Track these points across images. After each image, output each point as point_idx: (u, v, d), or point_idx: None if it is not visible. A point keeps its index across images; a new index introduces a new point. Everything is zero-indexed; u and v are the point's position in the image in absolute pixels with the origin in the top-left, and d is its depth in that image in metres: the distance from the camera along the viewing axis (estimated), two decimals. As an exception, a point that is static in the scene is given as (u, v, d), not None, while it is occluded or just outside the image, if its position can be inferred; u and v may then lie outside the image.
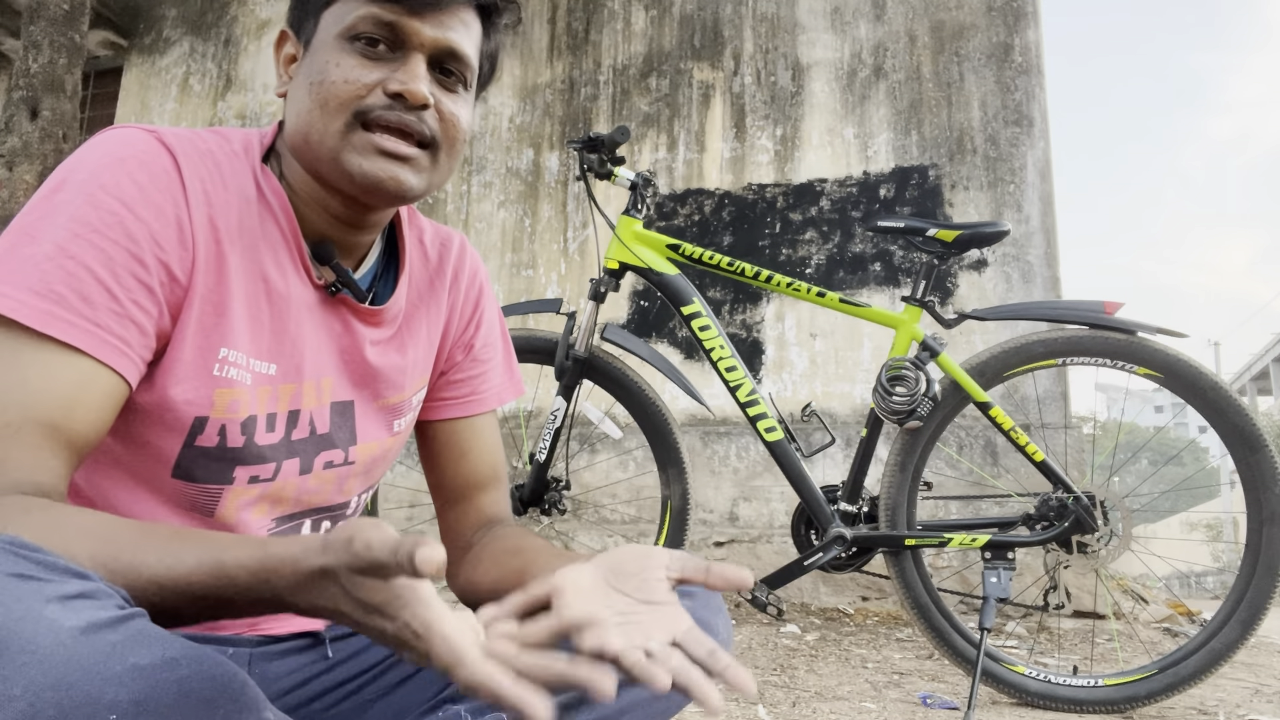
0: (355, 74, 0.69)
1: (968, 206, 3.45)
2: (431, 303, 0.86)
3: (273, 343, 0.73)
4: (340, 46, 0.69)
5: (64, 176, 0.64)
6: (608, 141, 1.94)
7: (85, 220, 0.62)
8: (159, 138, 0.67)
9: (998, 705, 1.78)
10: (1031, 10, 3.53)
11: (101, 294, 0.61)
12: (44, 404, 0.59)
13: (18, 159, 3.12)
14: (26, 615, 0.41)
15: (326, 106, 0.69)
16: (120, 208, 0.63)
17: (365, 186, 0.70)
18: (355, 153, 0.69)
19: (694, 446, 3.48)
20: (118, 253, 0.62)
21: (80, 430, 0.60)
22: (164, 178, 0.66)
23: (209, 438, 0.69)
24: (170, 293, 0.66)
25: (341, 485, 0.82)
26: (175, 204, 0.66)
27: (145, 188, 0.64)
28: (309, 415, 0.76)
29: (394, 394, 0.83)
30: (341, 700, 0.78)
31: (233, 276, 0.69)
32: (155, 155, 0.66)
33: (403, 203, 0.73)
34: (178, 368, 0.67)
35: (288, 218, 0.73)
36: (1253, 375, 24.35)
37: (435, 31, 0.70)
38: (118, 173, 0.64)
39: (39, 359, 0.59)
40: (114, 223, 0.62)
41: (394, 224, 0.85)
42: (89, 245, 0.61)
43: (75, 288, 0.60)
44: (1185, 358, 1.70)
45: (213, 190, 0.69)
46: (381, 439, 0.83)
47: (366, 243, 0.80)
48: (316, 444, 0.77)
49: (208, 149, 0.70)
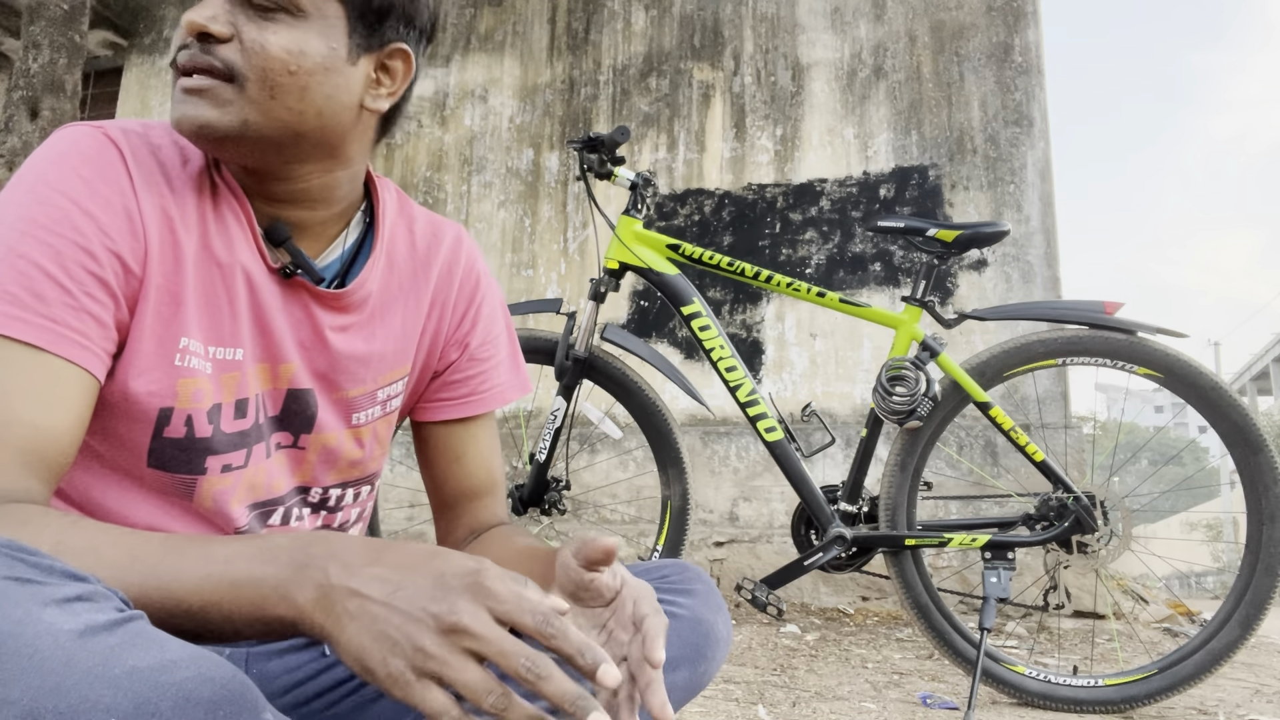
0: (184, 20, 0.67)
1: (968, 206, 3.45)
2: (413, 294, 0.83)
3: (232, 328, 0.72)
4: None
5: (14, 180, 0.64)
6: (608, 141, 1.94)
7: (32, 219, 0.61)
8: (105, 132, 0.67)
9: (998, 705, 1.78)
10: (1031, 10, 3.53)
11: (54, 289, 0.61)
12: (23, 406, 0.58)
13: (18, 159, 3.12)
14: (24, 619, 0.41)
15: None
16: (66, 203, 0.63)
17: (180, 133, 0.67)
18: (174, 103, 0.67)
19: (694, 446, 3.48)
20: (67, 247, 0.62)
21: (61, 430, 0.60)
22: (110, 170, 0.65)
23: (176, 429, 0.69)
24: (125, 284, 0.65)
25: (295, 468, 0.79)
26: (123, 195, 0.65)
27: (91, 181, 0.64)
28: (265, 398, 0.75)
29: (352, 386, 0.80)
30: (341, 699, 0.78)
31: (189, 264, 0.69)
32: (100, 149, 0.66)
33: (215, 142, 0.67)
34: (139, 360, 0.67)
35: (240, 201, 0.72)
36: (1253, 375, 24.35)
37: None
38: (62, 169, 0.64)
39: (6, 362, 0.59)
40: (60, 218, 0.62)
41: (375, 209, 0.82)
42: (37, 243, 0.61)
43: (27, 286, 0.60)
44: (1185, 358, 1.70)
45: (164, 179, 0.69)
46: (338, 430, 0.81)
47: (321, 221, 0.76)
48: (271, 425, 0.77)
49: (158, 142, 0.70)
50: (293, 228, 0.75)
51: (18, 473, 0.57)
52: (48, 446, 0.59)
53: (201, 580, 0.51)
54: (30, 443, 0.58)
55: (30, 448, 0.58)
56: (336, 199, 0.76)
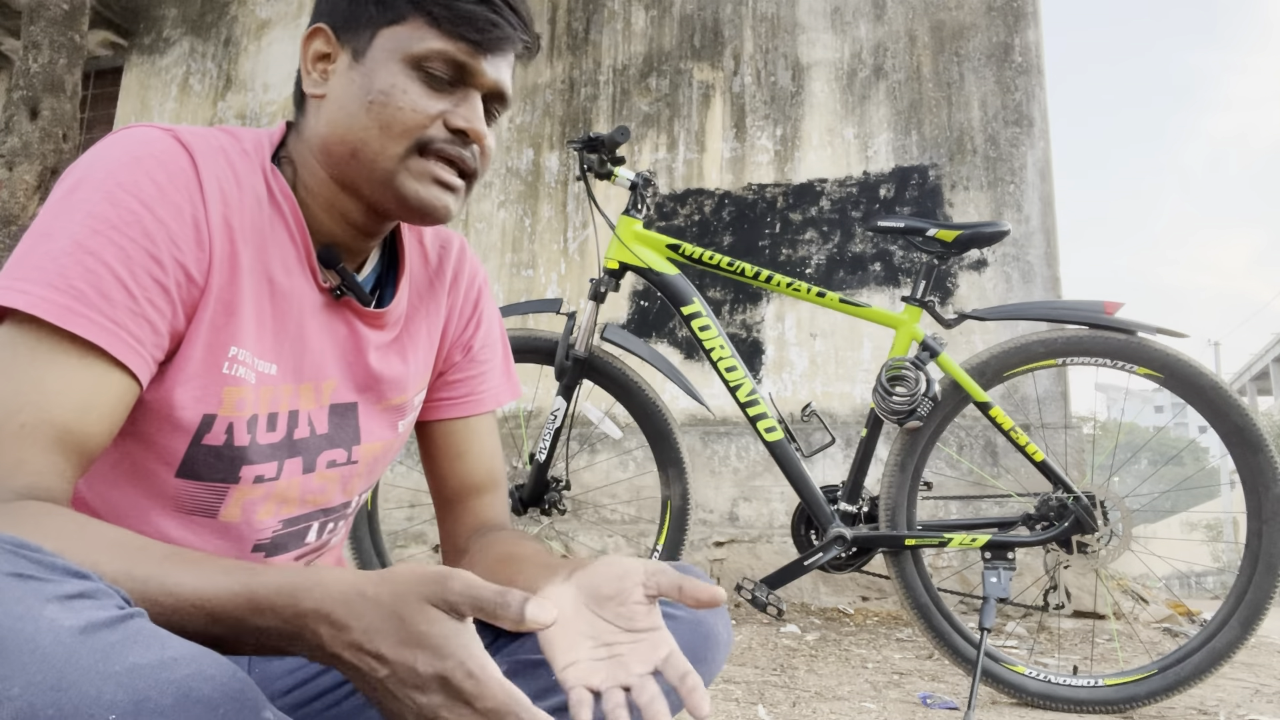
0: (422, 104, 0.70)
1: (968, 206, 3.45)
2: (431, 304, 0.87)
3: (275, 343, 0.73)
4: (406, 72, 0.70)
5: (81, 175, 0.63)
6: (608, 141, 1.94)
7: (104, 217, 0.61)
8: (176, 136, 0.67)
9: (998, 705, 1.78)
10: (1031, 10, 3.53)
11: (120, 292, 0.61)
12: (60, 406, 0.58)
13: (18, 159, 3.12)
14: (26, 615, 0.41)
15: (389, 129, 0.69)
16: (139, 207, 0.63)
17: (418, 211, 0.72)
18: (412, 178, 0.71)
19: (694, 446, 3.48)
20: (136, 252, 0.62)
21: (92, 434, 0.60)
22: (181, 177, 0.65)
23: (216, 436, 0.69)
24: (186, 294, 0.66)
25: (345, 484, 0.82)
26: (193, 203, 0.66)
27: (164, 187, 0.64)
28: (308, 416, 0.76)
29: (397, 395, 0.83)
30: (342, 700, 0.78)
31: (244, 275, 0.70)
32: (173, 154, 0.66)
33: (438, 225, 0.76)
34: (189, 365, 0.67)
35: (296, 220, 0.73)
36: (1253, 375, 24.33)
37: (494, 74, 0.73)
38: (135, 171, 0.63)
39: (56, 358, 0.59)
40: (132, 221, 0.62)
41: (395, 228, 0.85)
42: (108, 242, 0.61)
43: (94, 284, 0.60)
44: (1185, 358, 1.70)
45: (228, 189, 0.69)
46: (386, 438, 0.84)
47: (370, 247, 0.80)
48: (318, 444, 0.78)
49: (221, 147, 0.70)
50: (342, 248, 0.77)
51: (43, 471, 0.57)
52: (75, 448, 0.59)
53: (205, 618, 0.51)
54: (60, 443, 0.58)
55: (59, 447, 0.58)
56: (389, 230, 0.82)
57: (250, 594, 0.51)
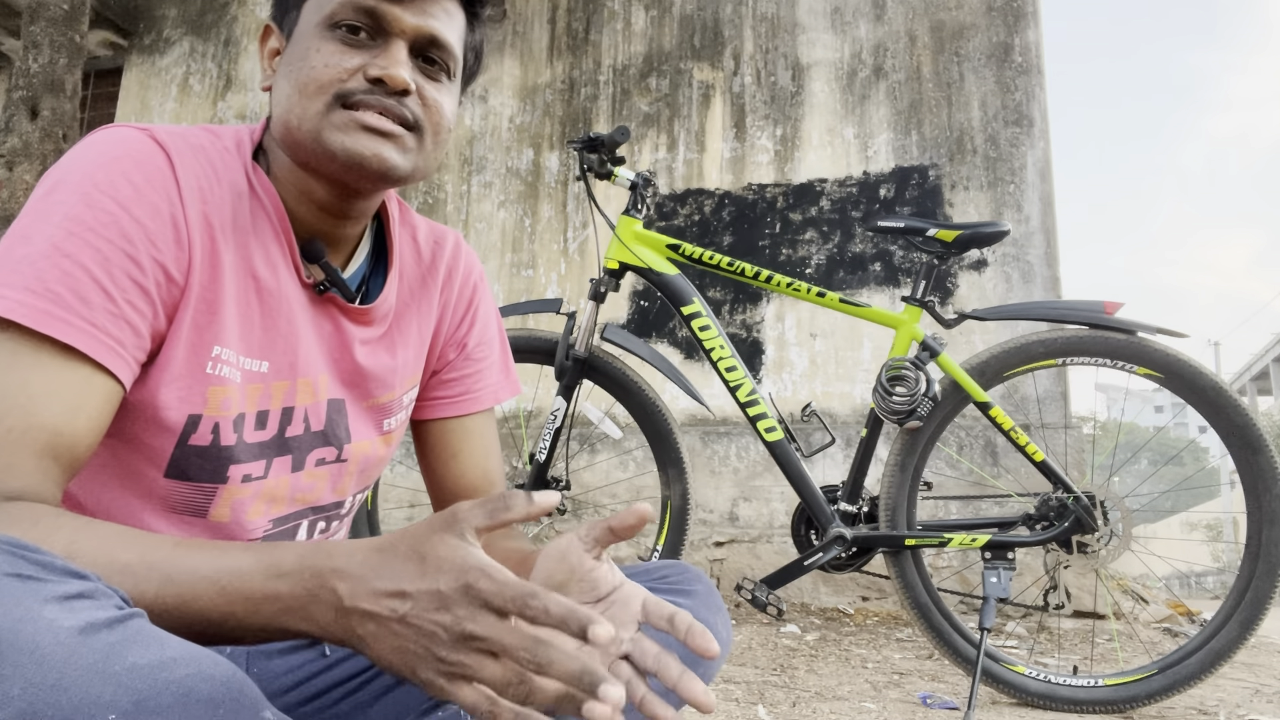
0: (335, 59, 0.69)
1: (968, 206, 3.45)
2: (424, 300, 0.86)
3: (263, 340, 0.72)
4: (321, 34, 0.70)
5: (58, 178, 0.63)
6: (608, 141, 1.94)
7: (80, 220, 0.61)
8: (152, 135, 0.67)
9: (998, 705, 1.78)
10: (1031, 10, 3.53)
11: (98, 294, 0.60)
12: (46, 410, 0.58)
13: (18, 159, 3.12)
14: (25, 615, 0.41)
15: (306, 90, 0.68)
16: (116, 208, 0.62)
17: (348, 163, 0.68)
18: (336, 130, 0.68)
19: (694, 446, 3.48)
20: (114, 253, 0.61)
21: (80, 438, 0.60)
22: (158, 176, 0.65)
23: (202, 436, 0.69)
24: (167, 294, 0.65)
25: (335, 483, 0.81)
26: (170, 203, 0.65)
27: (140, 187, 0.64)
28: (304, 412, 0.76)
29: (384, 393, 0.83)
30: (341, 699, 0.78)
31: (226, 273, 0.69)
32: (149, 154, 0.65)
33: (388, 183, 0.71)
34: (172, 366, 0.67)
35: (278, 214, 0.73)
36: (1253, 375, 24.33)
37: (416, 19, 0.70)
38: (112, 172, 0.63)
39: (38, 362, 0.58)
40: (109, 223, 0.62)
41: (384, 222, 0.84)
42: (85, 245, 0.60)
43: (72, 287, 0.59)
44: (1185, 358, 1.70)
45: (207, 187, 0.68)
46: (372, 438, 0.83)
47: (353, 235, 0.79)
48: (310, 441, 0.77)
49: (200, 145, 0.70)
50: (324, 239, 0.76)
51: (33, 475, 0.57)
52: (64, 451, 0.59)
53: (218, 594, 0.52)
54: (49, 447, 0.58)
55: (48, 451, 0.58)
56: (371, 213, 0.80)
57: (270, 560, 0.53)
